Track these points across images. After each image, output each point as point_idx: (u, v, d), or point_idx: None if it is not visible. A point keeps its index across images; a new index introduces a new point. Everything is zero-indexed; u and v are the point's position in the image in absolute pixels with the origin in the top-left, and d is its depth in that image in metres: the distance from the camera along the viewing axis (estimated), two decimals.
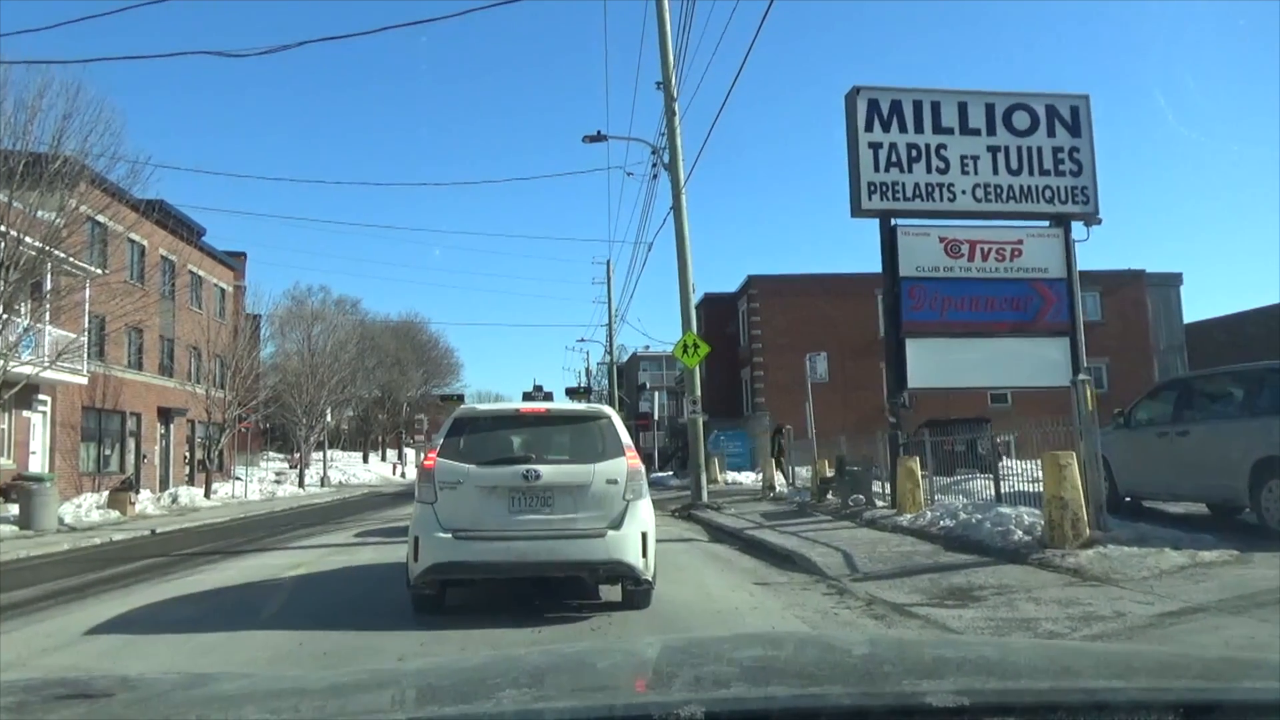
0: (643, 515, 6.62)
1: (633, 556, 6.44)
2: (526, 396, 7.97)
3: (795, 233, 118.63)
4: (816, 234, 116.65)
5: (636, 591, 6.71)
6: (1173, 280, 41.34)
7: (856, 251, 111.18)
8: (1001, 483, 12.01)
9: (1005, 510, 9.86)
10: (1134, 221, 77.29)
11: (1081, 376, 9.40)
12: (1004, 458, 17.54)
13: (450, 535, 6.36)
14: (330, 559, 11.18)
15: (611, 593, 7.06)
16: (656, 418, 53.53)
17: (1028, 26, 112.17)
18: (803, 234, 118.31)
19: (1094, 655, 2.32)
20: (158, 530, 18.07)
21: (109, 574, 10.67)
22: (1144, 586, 6.93)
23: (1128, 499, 11.67)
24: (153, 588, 9.16)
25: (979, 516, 10.02)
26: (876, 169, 13.71)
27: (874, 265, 14.26)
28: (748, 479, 31.56)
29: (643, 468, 6.92)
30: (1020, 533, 9.06)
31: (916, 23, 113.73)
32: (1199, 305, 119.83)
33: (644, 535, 6.53)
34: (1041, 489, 12.21)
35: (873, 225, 13.93)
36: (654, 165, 22.14)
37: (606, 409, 7.31)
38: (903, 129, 13.85)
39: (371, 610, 7.36)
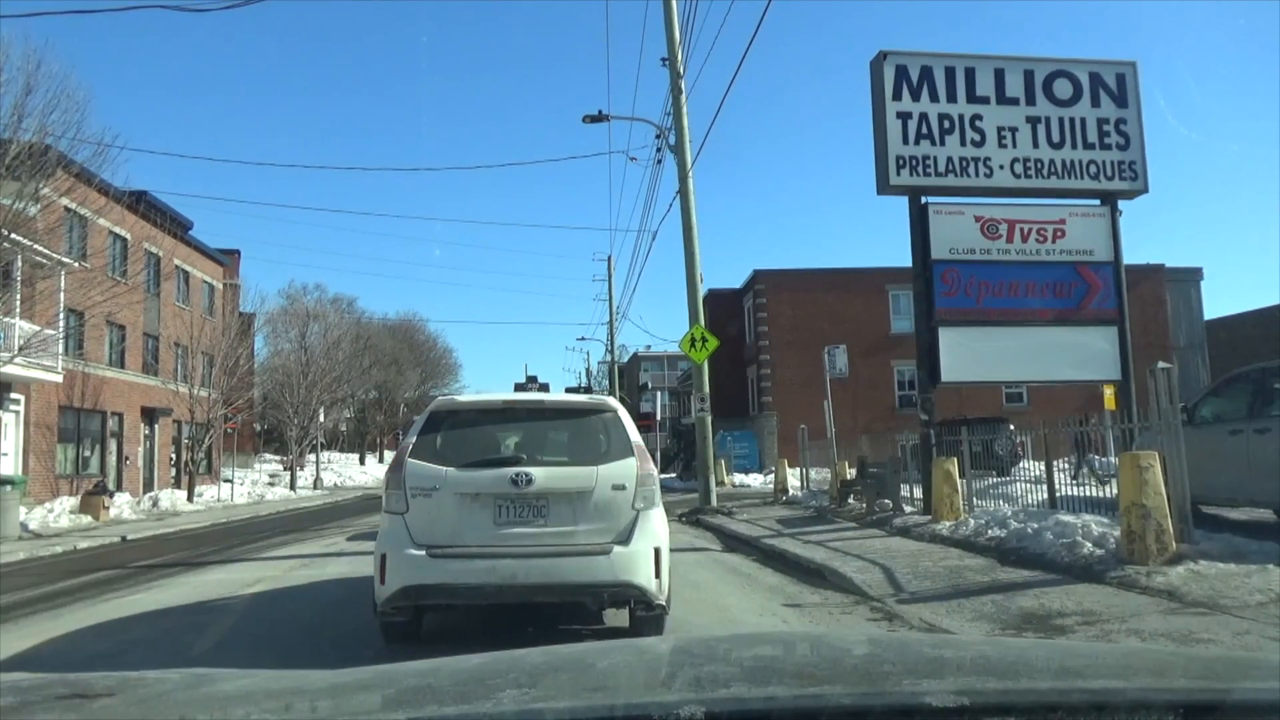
0: (655, 528, 5.57)
1: (643, 577, 5.38)
2: (518, 387, 6.66)
3: (800, 230, 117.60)
4: (823, 230, 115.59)
5: (647, 618, 5.59)
6: (1193, 275, 40.06)
7: (865, 246, 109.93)
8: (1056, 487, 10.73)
9: (1067, 518, 8.62)
10: (1149, 214, 76.00)
11: (1162, 365, 8.17)
12: (1021, 459, 16.42)
13: (424, 552, 5.31)
14: (298, 573, 9.96)
15: (618, 617, 6.06)
16: (659, 418, 52.33)
17: (1028, 26, 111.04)
18: (808, 231, 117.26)
19: (1094, 655, 2.33)
20: (128, 537, 16.86)
21: (49, 590, 9.46)
22: (1268, 616, 5.69)
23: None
24: (88, 609, 7.93)
25: (1035, 525, 8.79)
26: (905, 141, 12.48)
27: (884, 259, 13.13)
28: (755, 481, 30.39)
29: (655, 470, 5.84)
30: (1090, 545, 7.83)
31: (912, 20, 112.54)
32: (1220, 302, 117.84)
33: (657, 551, 5.48)
34: (1092, 493, 11.14)
35: (887, 211, 13.00)
36: (659, 149, 20.98)
37: (612, 401, 6.18)
38: (934, 98, 12.63)
39: (330, 641, 6.17)
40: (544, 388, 6.90)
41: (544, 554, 5.36)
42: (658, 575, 5.45)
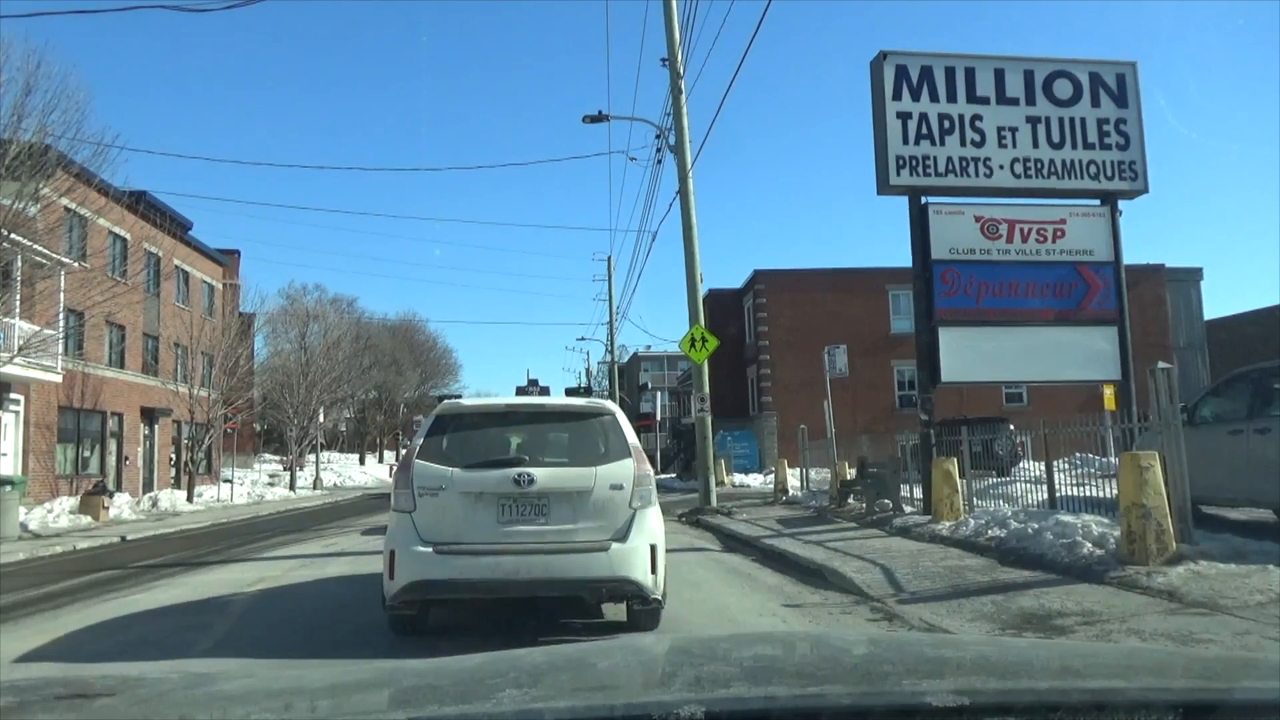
0: (651, 525, 5.84)
1: (640, 573, 5.64)
2: (520, 391, 7.00)
3: (800, 230, 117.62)
4: (823, 230, 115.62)
5: (644, 611, 5.90)
6: (1193, 275, 40.03)
7: (865, 246, 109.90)
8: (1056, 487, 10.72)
9: (1067, 518, 8.62)
10: (1149, 214, 75.96)
11: (1162, 365, 8.16)
12: (1021, 459, 16.40)
13: (431, 549, 5.56)
14: (299, 573, 9.95)
15: (616, 611, 6.26)
16: (659, 418, 52.31)
17: (1026, 26, 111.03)
18: (808, 231, 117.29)
19: (1094, 655, 2.31)
20: (128, 537, 16.84)
21: (48, 591, 9.44)
22: (1268, 616, 5.69)
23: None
24: (87, 609, 7.92)
25: (1035, 525, 8.78)
26: (905, 141, 12.48)
27: (885, 259, 13.12)
28: (755, 481, 30.38)
29: (651, 471, 6.11)
30: (1090, 545, 7.82)
31: (911, 19, 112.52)
32: (1220, 302, 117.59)
33: (653, 548, 5.75)
34: (1091, 493, 11.12)
35: (887, 211, 12.85)
36: (659, 150, 20.96)
37: (610, 404, 6.45)
38: (934, 98, 12.63)
39: (331, 639, 6.19)
40: (544, 391, 7.24)
41: (545, 550, 5.58)
42: (654, 571, 5.69)
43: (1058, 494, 10.71)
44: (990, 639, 5.05)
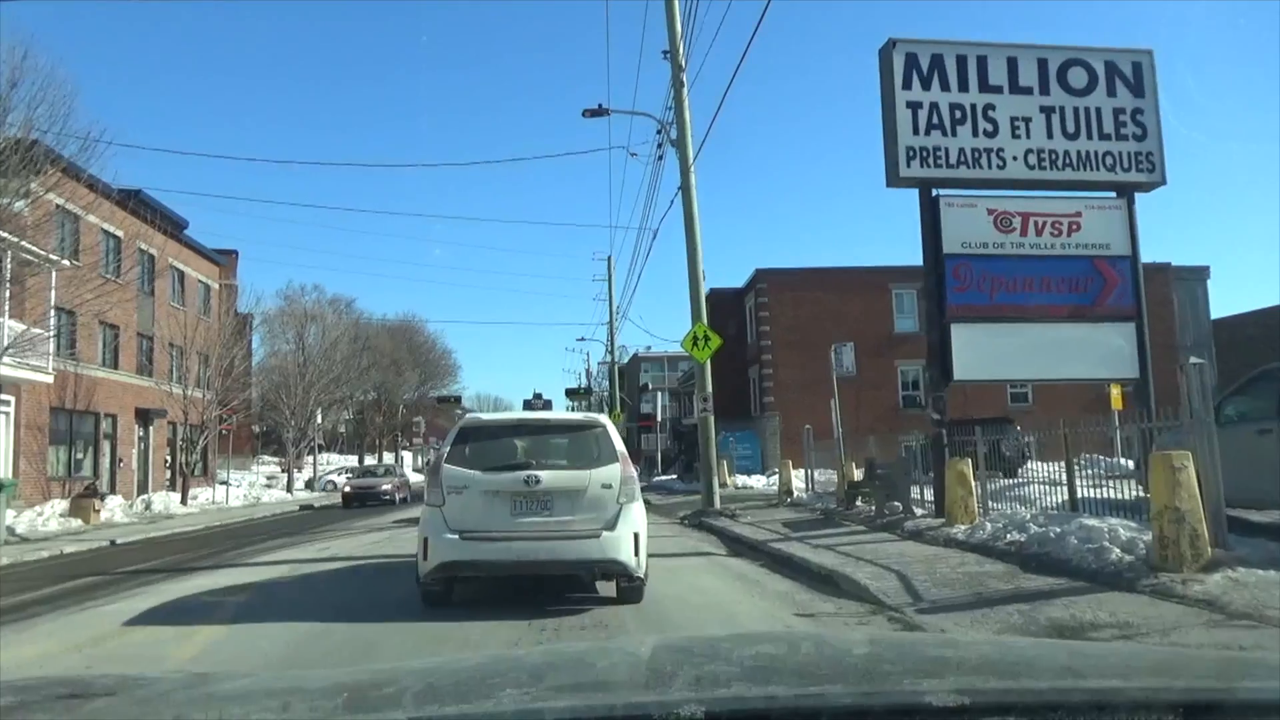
0: (635, 517, 6.98)
1: (625, 555, 6.78)
2: (527, 405, 8.28)
3: (803, 228, 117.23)
4: (826, 228, 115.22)
5: (630, 588, 7.00)
6: (1199, 274, 39.61)
7: (868, 245, 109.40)
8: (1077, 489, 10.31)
9: (1092, 522, 8.21)
10: (1154, 212, 75.61)
11: (1194, 360, 7.77)
12: (1028, 460, 16.01)
13: (457, 536, 6.70)
14: (293, 577, 9.58)
15: (607, 588, 7.27)
16: (659, 419, 51.92)
17: (1024, 24, 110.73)
18: (811, 230, 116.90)
19: (1095, 655, 2.30)
20: (118, 541, 16.45)
21: (24, 599, 9.04)
22: None
23: None
24: (65, 617, 7.57)
25: (1057, 529, 8.38)
26: (916, 132, 12.10)
27: (888, 257, 12.72)
28: (758, 482, 29.96)
29: (635, 473, 7.29)
30: (1118, 550, 7.42)
31: (909, 13, 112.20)
32: (1221, 301, 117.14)
33: (636, 536, 6.87)
34: (1107, 495, 10.74)
35: (890, 210, 12.66)
36: (660, 145, 20.57)
37: (602, 418, 7.66)
38: (945, 87, 12.25)
39: (324, 658, 5.76)
40: (548, 405, 8.96)
41: (549, 538, 6.74)
42: (637, 554, 6.83)
43: (1078, 496, 10.30)
44: (992, 639, 4.91)
